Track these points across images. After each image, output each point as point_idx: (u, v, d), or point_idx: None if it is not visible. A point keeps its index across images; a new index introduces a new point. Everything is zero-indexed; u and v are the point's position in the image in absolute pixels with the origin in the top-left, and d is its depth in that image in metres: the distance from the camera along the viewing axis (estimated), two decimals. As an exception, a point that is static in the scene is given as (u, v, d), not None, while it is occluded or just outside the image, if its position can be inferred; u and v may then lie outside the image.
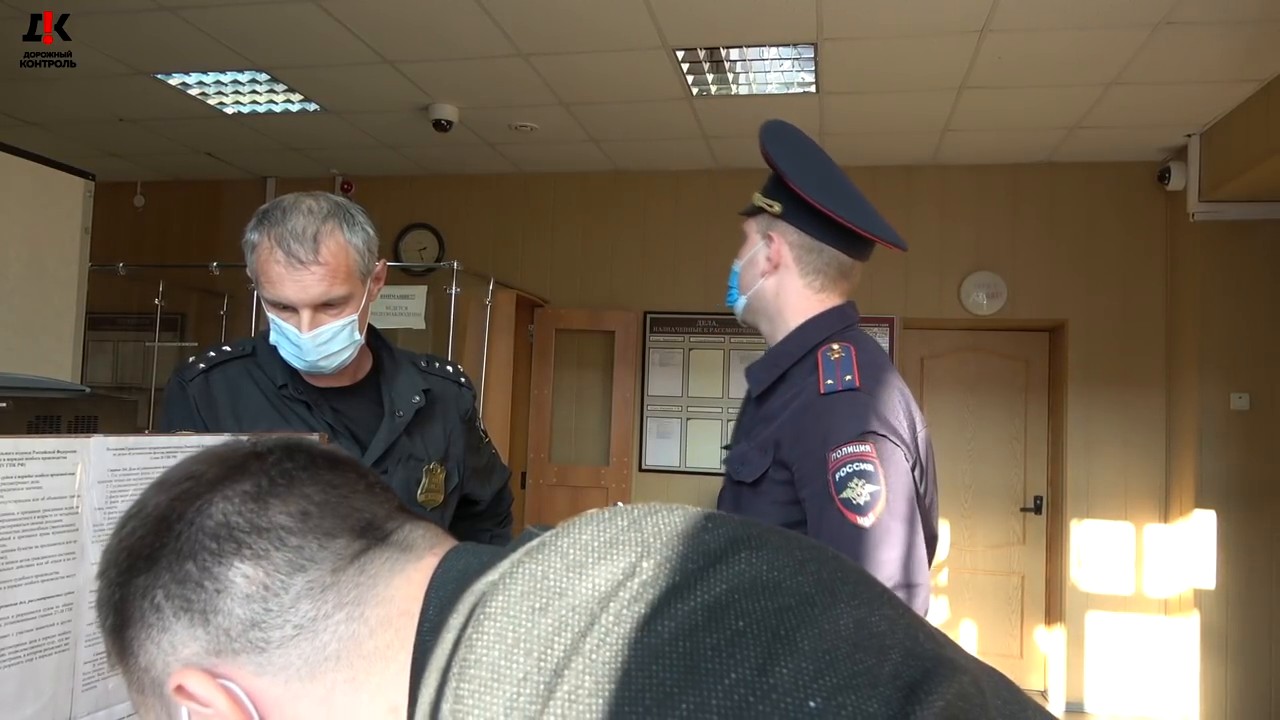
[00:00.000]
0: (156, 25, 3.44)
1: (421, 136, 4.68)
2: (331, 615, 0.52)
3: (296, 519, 0.54)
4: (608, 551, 0.50)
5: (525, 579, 0.49)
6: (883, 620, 0.46)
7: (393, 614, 0.53)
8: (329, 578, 0.53)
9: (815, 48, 3.49)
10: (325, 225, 1.43)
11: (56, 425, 1.34)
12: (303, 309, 1.43)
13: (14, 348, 3.00)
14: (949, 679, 0.43)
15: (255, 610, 0.52)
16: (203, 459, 0.58)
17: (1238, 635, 4.18)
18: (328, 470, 0.58)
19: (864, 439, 1.31)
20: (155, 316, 5.02)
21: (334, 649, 0.52)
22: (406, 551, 0.56)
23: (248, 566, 0.52)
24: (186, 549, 0.53)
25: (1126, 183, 4.72)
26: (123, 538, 0.56)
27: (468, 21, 3.34)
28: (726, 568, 0.48)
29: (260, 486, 0.55)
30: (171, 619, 0.53)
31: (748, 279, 1.55)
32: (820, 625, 0.44)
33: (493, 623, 0.47)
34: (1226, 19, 3.11)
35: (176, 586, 0.53)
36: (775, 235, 1.51)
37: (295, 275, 1.41)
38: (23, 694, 0.79)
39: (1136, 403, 4.65)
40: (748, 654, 0.43)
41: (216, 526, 0.53)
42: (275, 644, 0.51)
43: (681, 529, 0.51)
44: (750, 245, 1.55)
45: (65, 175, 3.23)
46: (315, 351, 1.46)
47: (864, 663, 0.43)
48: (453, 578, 0.53)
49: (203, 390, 1.51)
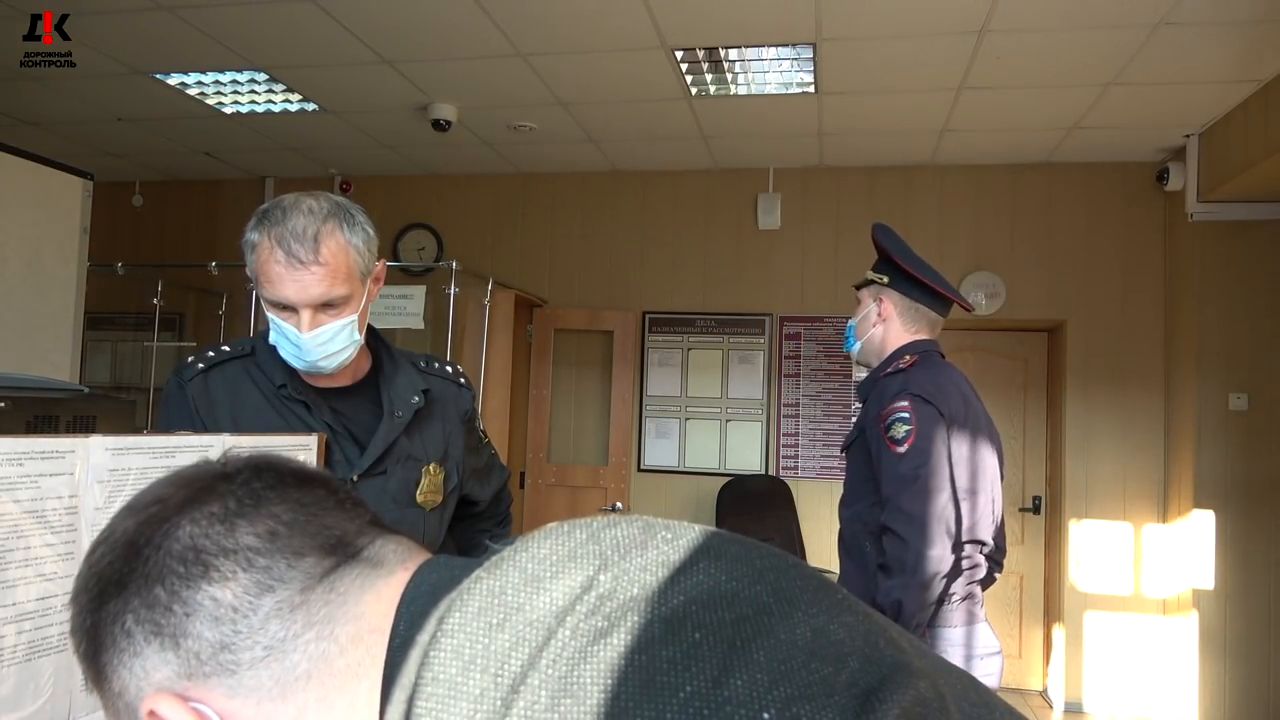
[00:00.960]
0: (155, 25, 3.44)
1: (420, 136, 4.68)
2: (301, 635, 0.52)
3: (264, 539, 0.54)
4: (565, 565, 0.49)
5: (483, 594, 0.49)
6: (841, 628, 0.46)
7: (363, 631, 0.53)
8: (298, 597, 0.53)
9: (814, 48, 3.49)
10: (325, 225, 1.43)
11: (55, 425, 1.34)
12: (303, 309, 1.42)
13: (12, 347, 3.00)
14: (905, 685, 0.43)
15: (225, 632, 0.52)
16: (171, 482, 0.58)
17: (1236, 635, 4.19)
18: (296, 489, 0.58)
19: (902, 397, 2.01)
20: (154, 316, 5.01)
21: (304, 669, 0.51)
22: (377, 567, 0.56)
23: (215, 589, 0.52)
24: (155, 573, 0.53)
25: (1125, 183, 4.72)
26: (93, 564, 0.56)
27: (466, 21, 3.34)
28: (685, 579, 0.47)
29: (228, 508, 0.55)
30: (143, 644, 0.53)
31: (862, 329, 2.24)
32: (777, 635, 0.44)
33: (450, 639, 0.47)
34: (1225, 20, 3.11)
35: (146, 611, 0.52)
36: (884, 299, 2.20)
37: (295, 275, 1.41)
38: (22, 694, 0.79)
39: (1135, 402, 4.65)
40: (703, 667, 0.42)
41: (184, 550, 0.53)
42: (245, 665, 0.51)
43: (640, 540, 0.51)
44: (864, 306, 2.24)
45: (64, 175, 3.23)
46: (315, 352, 1.45)
47: (820, 672, 0.42)
48: (424, 592, 0.53)
49: (201, 390, 1.51)
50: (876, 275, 2.21)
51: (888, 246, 2.18)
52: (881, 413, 2.02)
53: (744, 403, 5.09)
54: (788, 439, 5.03)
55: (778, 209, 5.03)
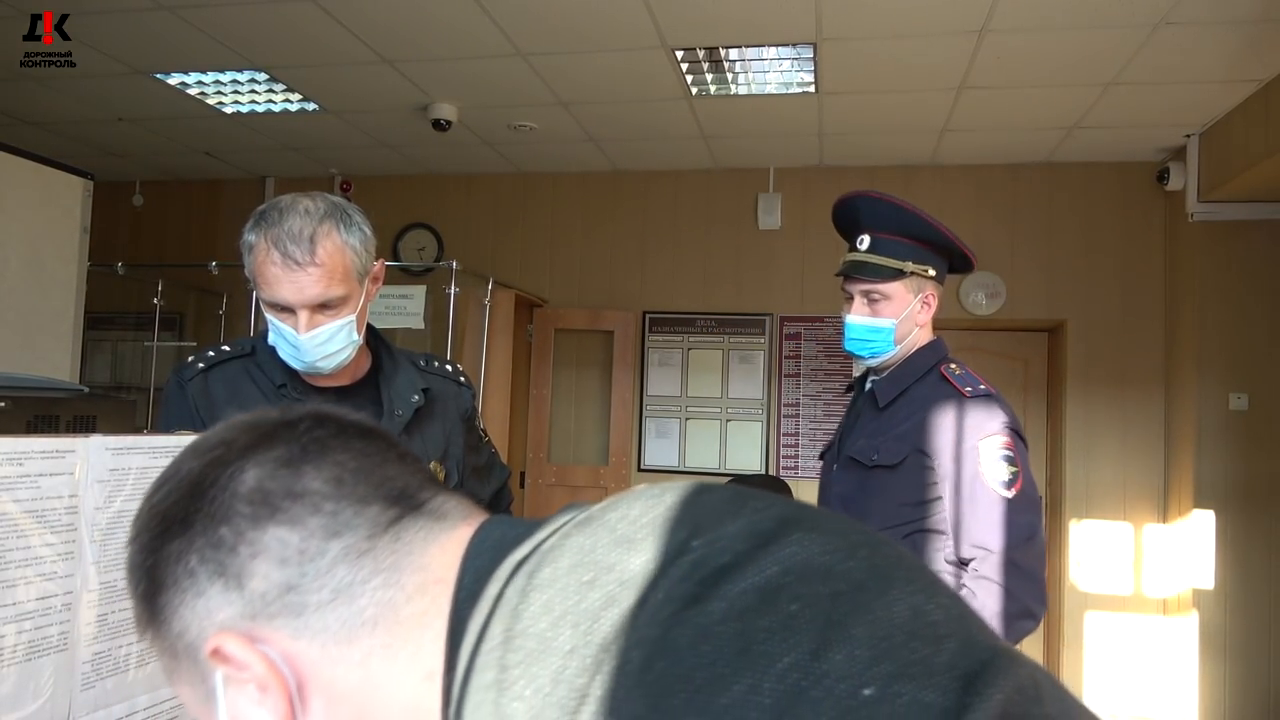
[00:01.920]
0: (155, 25, 3.44)
1: (420, 136, 4.68)
2: (369, 581, 0.52)
3: (330, 485, 0.54)
4: (657, 528, 0.49)
5: (574, 552, 0.49)
6: (938, 609, 0.45)
7: (429, 581, 0.53)
8: (364, 544, 0.53)
9: (814, 48, 3.49)
10: (322, 226, 1.43)
11: (55, 425, 1.34)
12: (300, 310, 1.43)
13: (13, 347, 3.00)
14: (1007, 671, 0.42)
15: (291, 574, 0.52)
16: (234, 427, 0.58)
17: (1236, 635, 4.19)
18: (358, 439, 0.58)
19: (1005, 432, 1.80)
20: (154, 316, 5.01)
21: (371, 614, 0.52)
22: (441, 520, 0.56)
23: (283, 531, 0.53)
24: (220, 514, 0.53)
25: (1125, 183, 4.72)
26: (155, 503, 0.56)
27: (467, 21, 3.34)
28: (779, 549, 0.47)
29: (293, 453, 0.55)
30: (206, 583, 0.53)
31: (904, 331, 1.96)
32: (875, 612, 0.43)
33: (540, 594, 0.47)
34: (1225, 19, 3.11)
35: (211, 550, 0.53)
36: (929, 291, 1.96)
37: (292, 276, 1.41)
38: (21, 694, 0.79)
39: (1135, 403, 4.65)
40: (801, 639, 0.42)
41: (250, 492, 0.53)
42: (312, 608, 0.52)
43: (733, 509, 0.50)
44: (903, 304, 1.95)
45: (64, 175, 3.23)
46: (313, 352, 1.45)
47: (919, 651, 0.42)
48: (489, 547, 0.53)
49: (201, 390, 1.51)
50: (919, 268, 1.92)
51: (938, 228, 1.91)
52: (978, 444, 1.78)
53: (744, 403, 5.09)
54: (788, 439, 5.03)
55: (778, 209, 5.03)
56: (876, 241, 1.94)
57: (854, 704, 0.39)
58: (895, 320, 1.94)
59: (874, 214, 1.96)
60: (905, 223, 1.92)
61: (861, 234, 1.97)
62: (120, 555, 0.90)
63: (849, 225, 2.04)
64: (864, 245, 1.95)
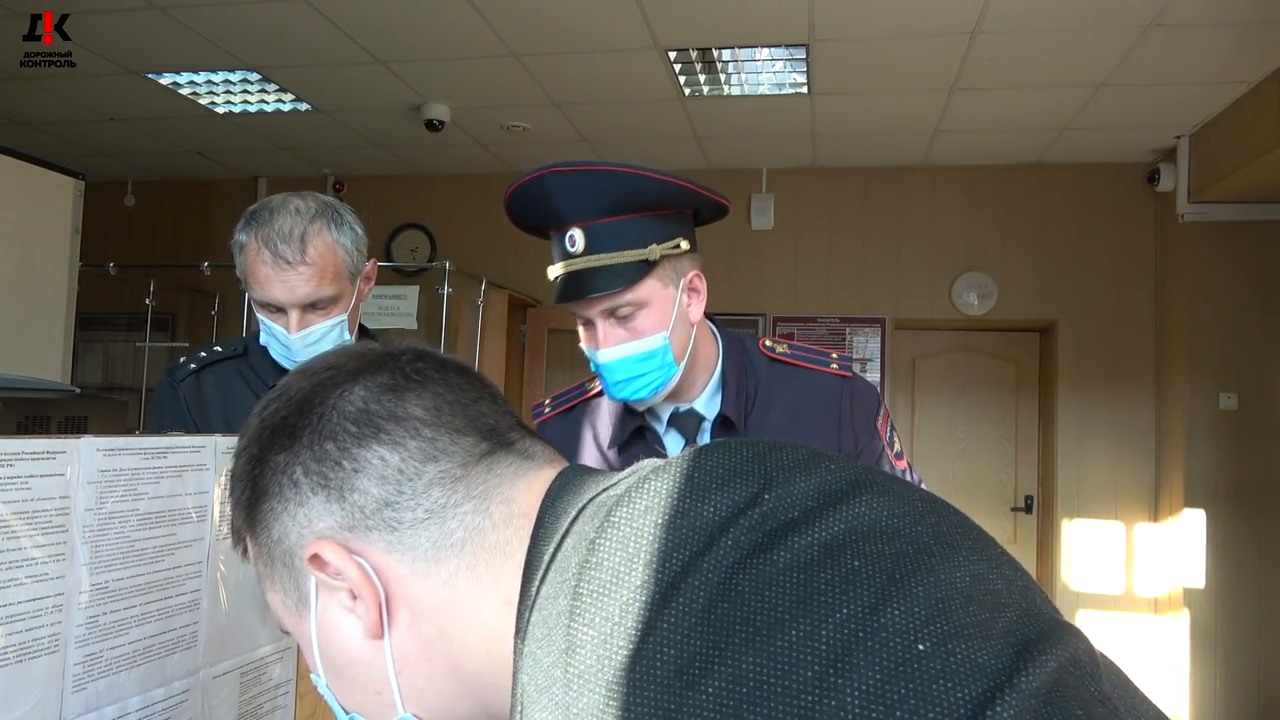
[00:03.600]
0: (147, 24, 3.43)
1: (413, 136, 4.68)
2: (460, 505, 0.55)
3: (430, 413, 0.57)
4: (731, 480, 0.51)
5: (650, 495, 0.51)
6: (1000, 579, 0.46)
7: (514, 514, 0.56)
8: (459, 470, 0.56)
9: (807, 49, 3.50)
10: (312, 225, 1.43)
11: (46, 425, 1.34)
12: (291, 309, 1.43)
13: (3, 348, 2.99)
14: (1064, 642, 0.43)
15: (389, 491, 0.54)
16: (341, 353, 0.61)
17: (1227, 634, 4.21)
18: (456, 375, 0.61)
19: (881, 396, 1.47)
20: (146, 317, 5.00)
21: (460, 537, 0.54)
22: (529, 459, 0.59)
23: (385, 450, 0.55)
24: (327, 430, 0.56)
25: (1116, 184, 4.74)
26: (265, 417, 0.59)
27: (460, 21, 3.33)
28: (847, 509, 0.48)
29: (396, 380, 0.58)
30: (309, 494, 0.55)
31: (681, 341, 1.34)
32: (936, 574, 0.45)
33: (616, 530, 0.49)
34: (1215, 21, 3.13)
35: (315, 464, 0.55)
36: (695, 273, 1.37)
37: (282, 276, 1.41)
38: (11, 696, 0.79)
39: (1126, 403, 4.67)
40: (861, 592, 0.43)
41: (357, 412, 0.56)
42: (407, 524, 0.54)
43: (805, 466, 0.52)
44: (665, 305, 1.31)
45: (55, 175, 3.22)
46: (305, 352, 1.45)
47: (977, 615, 0.43)
48: (570, 490, 0.56)
49: (194, 390, 1.51)
50: (667, 246, 1.30)
51: (669, 180, 1.30)
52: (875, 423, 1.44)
53: (737, 403, 5.09)
54: (781, 439, 5.04)
55: (771, 209, 5.04)
56: (594, 234, 1.29)
57: (907, 656, 0.40)
58: (665, 333, 1.32)
59: (575, 196, 1.29)
60: (625, 192, 1.28)
61: (568, 229, 1.30)
62: (113, 556, 0.90)
63: (543, 220, 1.34)
64: (577, 246, 1.29)
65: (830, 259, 5.02)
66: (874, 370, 4.92)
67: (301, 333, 1.44)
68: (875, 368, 4.93)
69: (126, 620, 0.91)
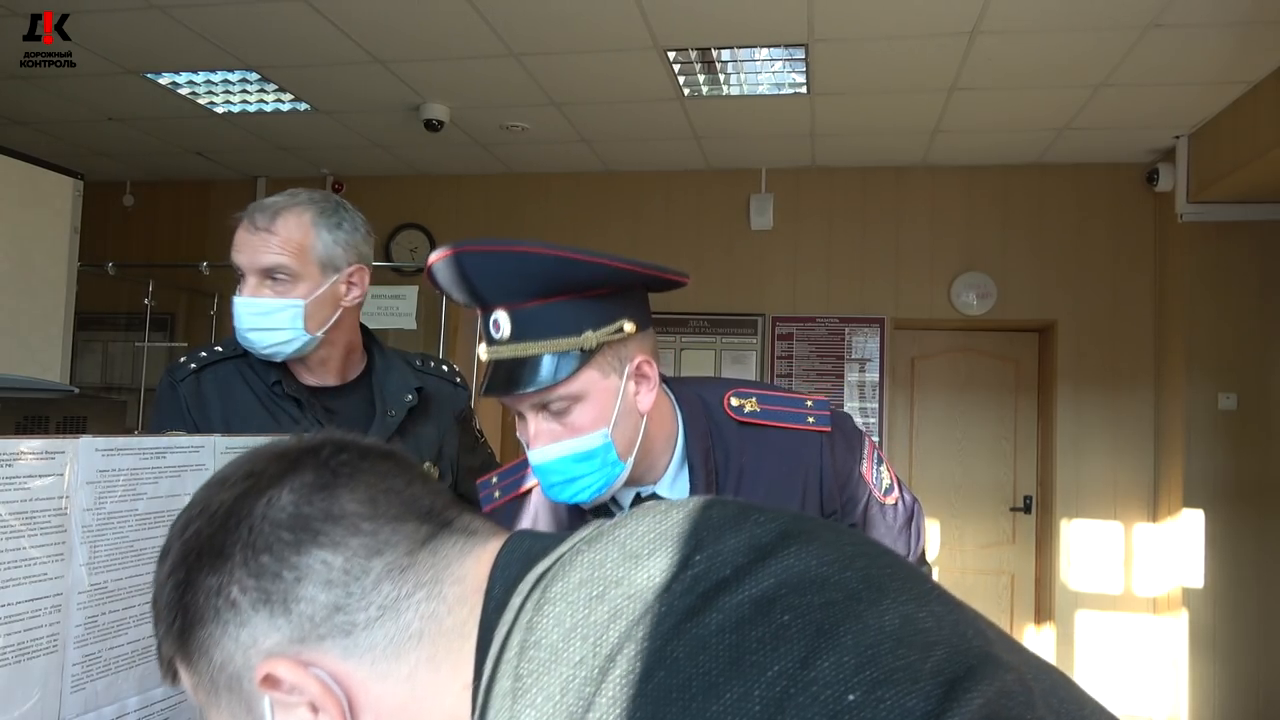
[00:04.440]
0: (147, 24, 3.43)
1: (412, 136, 4.67)
2: (413, 595, 0.54)
3: (366, 505, 0.56)
4: (663, 543, 0.51)
5: (584, 567, 0.51)
6: (930, 617, 0.47)
7: (468, 592, 0.55)
8: (405, 559, 0.54)
9: (806, 49, 3.50)
10: (295, 206, 1.46)
11: (45, 426, 1.33)
12: (249, 274, 1.45)
13: (2, 348, 2.98)
14: (991, 676, 0.43)
15: (337, 595, 0.53)
16: (257, 457, 0.59)
17: (1225, 634, 4.21)
18: (382, 461, 0.59)
19: (866, 439, 1.37)
20: (144, 316, 4.99)
21: (417, 627, 0.53)
22: (473, 535, 0.58)
23: (326, 553, 0.53)
24: (260, 542, 0.54)
25: (1115, 184, 4.74)
26: (187, 539, 0.56)
27: (459, 21, 3.33)
28: (776, 562, 0.49)
29: (324, 478, 0.56)
30: (250, 612, 0.53)
31: (628, 437, 1.18)
32: (865, 620, 0.45)
33: (553, 607, 0.49)
34: (1214, 21, 3.13)
35: (253, 580, 0.53)
36: (641, 360, 1.18)
37: (249, 240, 1.45)
38: (11, 696, 0.79)
39: (1125, 403, 4.67)
40: (791, 648, 0.44)
41: (289, 518, 0.54)
42: (361, 626, 0.53)
43: (735, 522, 0.52)
44: (607, 398, 1.15)
45: (54, 175, 3.22)
46: (246, 320, 1.45)
47: (906, 658, 0.43)
48: (517, 558, 0.55)
49: (194, 390, 1.50)
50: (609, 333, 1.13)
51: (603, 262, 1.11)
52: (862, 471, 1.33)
53: (736, 403, 5.09)
54: (780, 439, 5.03)
55: (770, 209, 5.04)
56: (520, 319, 1.12)
57: (838, 709, 0.41)
58: (606, 429, 1.15)
59: (494, 277, 1.11)
60: (549, 275, 1.09)
61: (491, 311, 1.14)
62: (111, 556, 0.90)
63: (466, 299, 1.17)
64: (502, 332, 1.13)
65: (829, 259, 5.02)
66: (873, 370, 4.93)
67: (248, 299, 1.44)
68: (874, 368, 4.93)
69: (125, 620, 0.91)
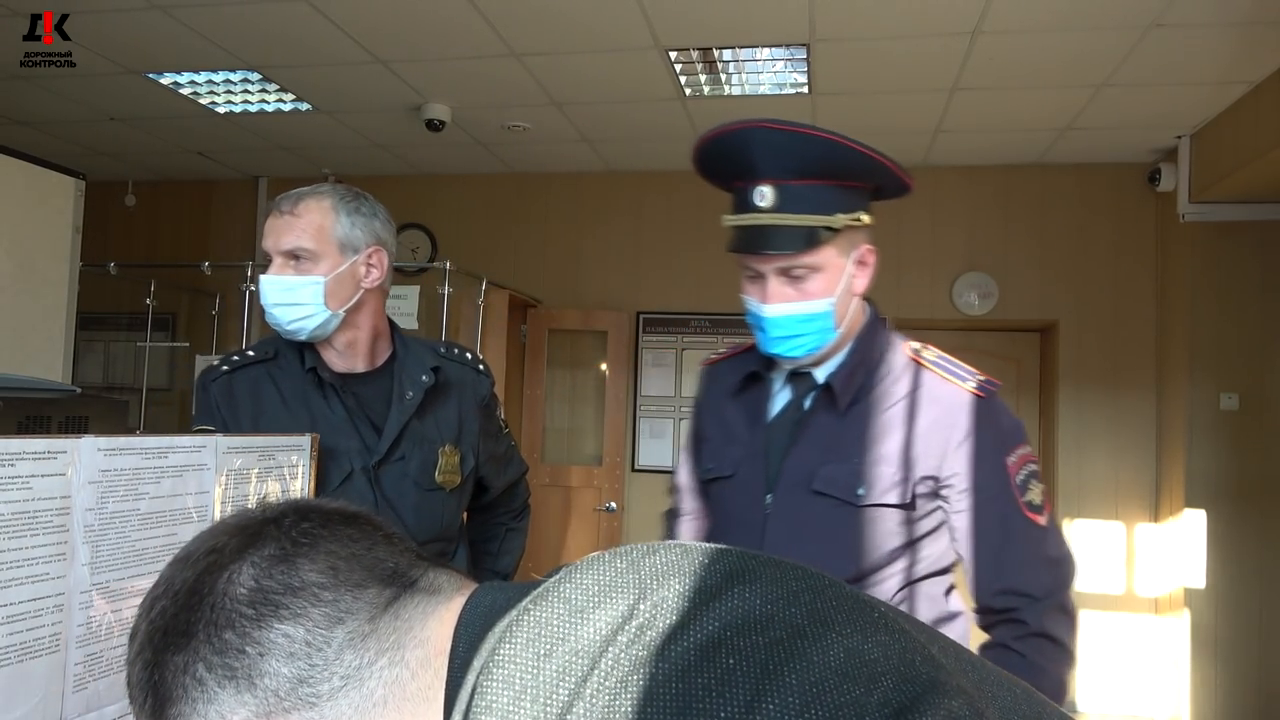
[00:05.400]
0: (148, 24, 3.43)
1: (414, 136, 4.68)
2: (375, 662, 0.54)
3: (327, 574, 0.56)
4: (607, 594, 0.51)
5: (530, 625, 0.51)
6: (876, 647, 0.47)
7: (431, 655, 0.55)
8: (367, 626, 0.55)
9: (808, 49, 3.50)
10: (317, 194, 1.56)
11: (47, 426, 1.33)
12: (274, 255, 1.54)
13: (4, 348, 2.99)
14: (937, 704, 0.43)
15: (300, 667, 0.53)
16: (219, 531, 0.59)
17: (1227, 634, 4.21)
18: (345, 525, 0.60)
19: (1024, 440, 1.37)
20: (146, 316, 4.99)
21: (380, 694, 0.53)
22: (435, 594, 0.58)
23: (287, 626, 0.54)
24: (222, 619, 0.54)
25: (1117, 184, 4.74)
26: (153, 619, 0.57)
27: (460, 21, 3.33)
28: (720, 604, 0.48)
29: (284, 549, 0.56)
30: (216, 689, 0.54)
31: (843, 310, 1.39)
32: (809, 657, 0.45)
33: (501, 669, 0.49)
34: (1216, 21, 3.13)
35: (217, 657, 0.54)
36: (867, 248, 1.42)
37: (274, 225, 1.55)
38: (13, 695, 0.79)
39: (1127, 403, 4.67)
40: (737, 692, 0.43)
41: (250, 593, 0.55)
42: (325, 696, 0.53)
43: (678, 567, 0.52)
44: (837, 273, 1.36)
45: (56, 174, 3.22)
46: (272, 296, 1.53)
47: (851, 693, 0.43)
48: (480, 615, 0.55)
49: (225, 390, 1.58)
50: (851, 218, 1.36)
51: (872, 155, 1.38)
52: (1004, 460, 1.33)
53: (738, 403, 5.09)
54: (781, 439, 5.03)
55: (771, 209, 5.03)
56: (786, 193, 1.30)
57: None
58: (832, 299, 1.35)
59: (776, 153, 1.29)
60: (826, 159, 1.32)
61: (759, 184, 1.31)
62: (113, 556, 0.90)
63: (733, 171, 1.36)
64: (766, 201, 1.30)
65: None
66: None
67: (273, 276, 1.53)
68: (876, 368, 4.92)
69: (127, 620, 0.91)
